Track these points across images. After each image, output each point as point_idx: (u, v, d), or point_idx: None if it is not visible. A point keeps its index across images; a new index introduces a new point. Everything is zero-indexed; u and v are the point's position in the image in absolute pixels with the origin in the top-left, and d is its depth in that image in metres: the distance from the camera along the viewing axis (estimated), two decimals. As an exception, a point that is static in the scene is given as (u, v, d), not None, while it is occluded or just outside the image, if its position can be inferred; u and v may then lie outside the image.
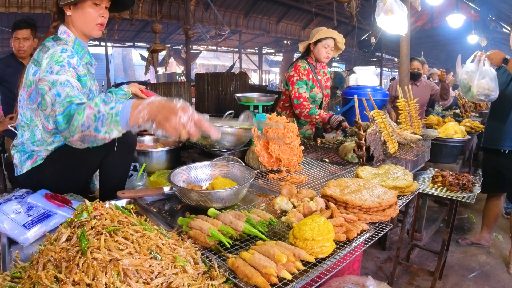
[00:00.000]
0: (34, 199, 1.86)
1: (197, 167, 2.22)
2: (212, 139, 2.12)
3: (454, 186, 2.67)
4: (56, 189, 2.09)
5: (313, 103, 3.75)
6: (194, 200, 1.87)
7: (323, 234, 1.42)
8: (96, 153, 2.09)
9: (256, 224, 1.58)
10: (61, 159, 2.18)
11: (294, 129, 2.72)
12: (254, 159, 2.61)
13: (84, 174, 2.32)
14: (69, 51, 1.95)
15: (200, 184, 2.18)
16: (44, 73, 1.87)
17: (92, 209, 1.25)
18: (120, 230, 1.19)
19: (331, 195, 1.87)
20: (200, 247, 1.45)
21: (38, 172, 2.18)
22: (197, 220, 1.51)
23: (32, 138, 2.14)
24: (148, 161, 2.91)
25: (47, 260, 1.16)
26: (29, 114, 2.10)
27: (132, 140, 2.27)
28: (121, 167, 2.30)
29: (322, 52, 3.66)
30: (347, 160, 2.95)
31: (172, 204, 2.08)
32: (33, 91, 2.01)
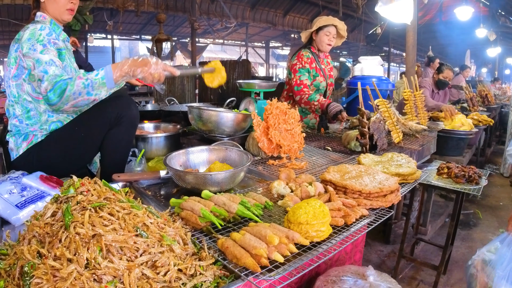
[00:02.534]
0: (28, 180, 1.83)
1: (194, 151, 2.18)
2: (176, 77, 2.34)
3: (460, 178, 2.59)
4: (55, 171, 2.09)
5: (317, 91, 3.71)
6: (189, 183, 1.83)
7: (318, 218, 1.37)
8: (101, 127, 2.19)
9: (251, 207, 1.54)
10: (63, 138, 2.19)
11: (296, 115, 2.66)
12: (254, 145, 2.56)
13: (86, 152, 2.31)
14: (47, 29, 2.10)
15: (198, 169, 2.14)
16: (27, 50, 2.03)
17: (79, 185, 1.21)
18: (106, 206, 1.15)
19: (331, 180, 1.82)
20: (192, 229, 1.41)
21: (35, 152, 2.17)
22: (189, 201, 1.47)
23: (25, 114, 2.17)
24: (147, 147, 2.87)
25: (32, 235, 1.13)
26: (15, 90, 2.15)
27: (135, 115, 2.27)
28: (123, 142, 2.30)
29: (324, 39, 3.61)
30: (350, 149, 2.90)
31: (168, 188, 2.05)
32: (18, 67, 2.10)
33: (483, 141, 6.10)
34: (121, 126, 2.21)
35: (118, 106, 2.18)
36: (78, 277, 0.97)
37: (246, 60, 4.40)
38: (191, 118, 2.73)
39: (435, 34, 14.16)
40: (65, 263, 1.00)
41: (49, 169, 2.09)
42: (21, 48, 2.05)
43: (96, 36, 14.08)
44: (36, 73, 2.01)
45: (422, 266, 3.41)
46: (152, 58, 2.00)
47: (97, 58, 15.20)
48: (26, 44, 2.03)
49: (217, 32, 14.01)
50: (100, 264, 1.00)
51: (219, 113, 2.59)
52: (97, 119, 2.18)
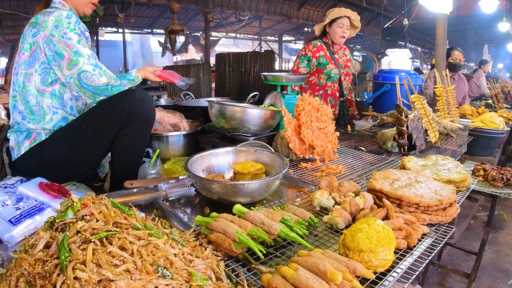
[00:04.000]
0: (25, 188, 1.55)
1: (218, 153, 1.89)
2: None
3: (497, 181, 2.30)
4: (59, 174, 1.93)
5: (329, 79, 3.58)
6: (215, 193, 1.54)
7: (383, 243, 1.08)
8: (111, 125, 1.94)
9: (294, 225, 1.25)
10: (68, 137, 1.96)
11: (329, 112, 2.36)
12: (284, 145, 2.26)
13: (94, 153, 2.05)
14: (73, 17, 1.94)
15: (223, 174, 1.86)
16: (59, 37, 1.87)
17: (79, 206, 0.92)
18: (117, 236, 0.86)
19: (381, 189, 1.52)
20: (224, 256, 1.12)
21: (38, 152, 1.94)
22: (220, 220, 1.17)
23: (28, 109, 1.95)
24: (162, 147, 2.58)
25: (20, 273, 0.85)
26: (22, 80, 1.94)
27: (150, 111, 1.99)
28: (137, 142, 2.02)
29: (337, 32, 3.51)
30: (385, 149, 2.62)
31: (192, 196, 1.76)
32: (32, 54, 1.91)
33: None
34: (134, 124, 1.93)
35: (131, 101, 1.91)
36: None
37: (270, 51, 4.07)
38: (212, 114, 2.44)
39: (452, 28, 13.64)
40: None
41: (52, 171, 1.89)
42: (49, 35, 1.88)
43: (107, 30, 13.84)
44: (81, 62, 1.89)
45: (452, 273, 3.18)
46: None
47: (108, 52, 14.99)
48: (56, 32, 1.87)
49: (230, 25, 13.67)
50: None
51: (244, 109, 2.28)
52: (107, 116, 1.91)
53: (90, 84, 1.90)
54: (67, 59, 1.88)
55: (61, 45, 1.87)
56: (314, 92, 3.58)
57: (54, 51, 1.88)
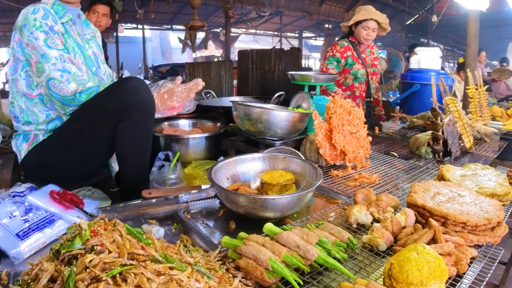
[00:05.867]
0: (35, 198, 1.42)
1: (245, 160, 1.74)
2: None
3: None
4: (63, 176, 1.82)
5: (356, 80, 3.48)
6: (242, 207, 1.40)
7: (435, 275, 0.92)
8: (106, 121, 1.75)
9: (332, 248, 1.09)
10: (63, 137, 1.83)
11: (361, 115, 2.20)
12: (312, 150, 2.10)
13: (94, 154, 1.89)
14: (41, 10, 1.77)
15: (248, 182, 1.71)
16: (27, 38, 1.73)
17: (88, 235, 0.78)
18: (132, 272, 0.72)
19: (424, 205, 1.34)
20: (254, 285, 0.97)
21: (37, 155, 1.84)
22: (251, 244, 1.02)
23: (22, 113, 1.87)
24: (182, 150, 2.44)
25: None
26: (11, 85, 1.88)
27: (146, 100, 1.77)
28: (137, 137, 1.81)
29: (361, 34, 3.42)
30: (418, 155, 2.45)
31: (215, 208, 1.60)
32: (14, 59, 1.82)
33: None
34: (131, 116, 1.72)
35: (123, 91, 1.71)
36: None
37: (297, 48, 3.90)
38: (236, 116, 2.29)
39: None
40: None
41: (54, 174, 1.79)
42: (19, 36, 1.76)
43: (127, 26, 13.83)
44: (47, 69, 1.71)
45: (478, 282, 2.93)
46: (173, 85, 1.96)
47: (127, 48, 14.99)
48: (23, 32, 1.73)
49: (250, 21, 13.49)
50: None
51: (272, 112, 2.13)
52: (100, 111, 1.74)
53: (58, 93, 1.72)
54: (34, 65, 1.74)
55: (29, 47, 1.74)
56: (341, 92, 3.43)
57: (24, 56, 1.77)
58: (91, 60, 1.99)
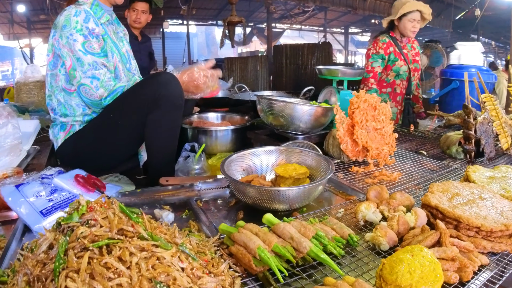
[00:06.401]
0: (60, 180, 1.53)
1: (260, 152, 1.77)
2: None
3: None
4: (96, 164, 1.93)
5: (397, 77, 3.38)
6: (250, 198, 1.43)
7: (427, 281, 0.88)
8: (137, 112, 1.87)
9: (329, 243, 1.10)
10: (99, 126, 1.95)
11: (387, 111, 2.15)
12: (335, 145, 2.10)
13: (126, 142, 2.02)
14: (83, 13, 1.86)
15: (264, 175, 1.74)
16: (65, 40, 1.83)
17: (84, 210, 0.85)
18: (118, 245, 0.77)
19: (437, 206, 1.29)
20: (243, 272, 1.00)
21: (73, 143, 1.96)
22: (244, 232, 1.05)
23: (60, 105, 1.99)
24: (208, 141, 2.51)
25: (23, 272, 0.80)
26: (49, 80, 1.99)
27: (176, 93, 1.87)
28: (166, 128, 1.92)
29: (408, 26, 3.30)
30: (449, 155, 2.36)
31: (227, 198, 1.66)
32: (54, 56, 1.93)
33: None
34: (160, 108, 1.83)
35: (155, 85, 1.82)
36: None
37: (327, 42, 3.86)
38: (260, 109, 2.32)
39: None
40: None
41: (88, 161, 1.89)
42: (58, 36, 1.85)
43: (172, 22, 14.13)
44: (78, 76, 1.85)
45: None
46: (196, 69, 1.97)
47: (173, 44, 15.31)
48: (63, 33, 1.83)
49: (294, 16, 13.42)
50: None
51: (293, 106, 2.14)
52: (133, 102, 1.85)
53: (88, 98, 1.87)
54: (67, 70, 1.87)
55: (66, 49, 1.84)
56: (381, 89, 3.37)
57: (62, 57, 1.88)
58: (125, 57, 2.11)
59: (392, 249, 1.18)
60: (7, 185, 1.50)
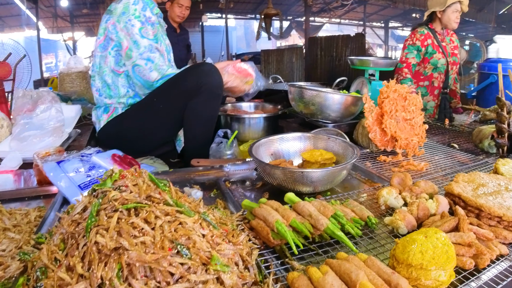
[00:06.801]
0: (98, 158, 1.65)
1: (288, 138, 1.82)
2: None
3: None
4: (135, 147, 2.03)
5: (435, 70, 3.33)
6: (275, 179, 1.48)
7: (438, 261, 0.89)
8: (179, 98, 1.99)
9: (346, 223, 1.13)
10: (141, 110, 2.07)
11: (418, 102, 2.14)
12: (364, 135, 2.11)
13: (166, 126, 2.14)
14: (140, 3, 2.01)
15: (291, 160, 1.78)
16: (124, 24, 1.97)
17: (117, 177, 0.93)
18: (145, 209, 0.84)
19: (460, 194, 1.30)
20: (261, 245, 1.06)
21: (115, 125, 2.07)
22: (264, 207, 1.11)
23: (104, 87, 2.11)
24: (241, 128, 2.59)
25: (60, 232, 0.90)
26: (98, 61, 2.09)
27: (216, 83, 1.99)
28: (204, 115, 2.05)
29: (452, 17, 3.27)
30: (481, 149, 2.30)
31: (253, 181, 1.72)
32: (105, 38, 2.05)
33: None
34: (201, 96, 1.95)
35: (197, 73, 1.94)
36: None
37: (361, 34, 3.83)
38: (291, 98, 2.37)
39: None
40: (75, 278, 0.75)
41: (128, 143, 2.00)
42: (116, 22, 2.00)
43: (211, 16, 14.27)
44: (134, 56, 1.98)
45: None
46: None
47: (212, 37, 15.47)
48: (122, 18, 1.98)
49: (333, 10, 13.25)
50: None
51: (324, 94, 2.17)
52: (175, 89, 1.96)
53: (142, 78, 1.99)
54: (124, 50, 1.99)
55: (123, 33, 1.97)
56: (418, 82, 3.32)
57: (117, 39, 2.01)
58: (168, 48, 2.24)
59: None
60: (49, 162, 1.62)
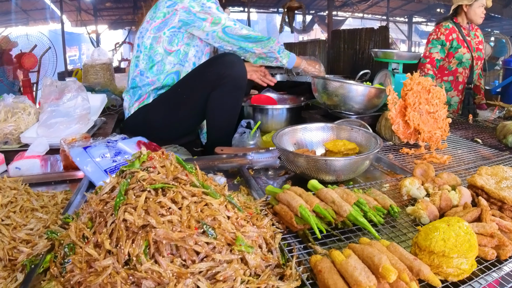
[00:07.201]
0: (124, 144, 1.69)
1: (312, 128, 1.83)
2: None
3: None
4: (160, 136, 2.05)
5: (460, 65, 3.27)
6: (298, 167, 1.49)
7: (461, 249, 0.89)
8: (202, 88, 2.02)
9: (369, 210, 1.14)
10: (168, 100, 2.09)
11: (441, 95, 2.12)
12: (387, 127, 2.10)
13: (190, 116, 2.16)
14: None
15: (314, 150, 1.79)
16: (199, 7, 2.06)
17: (145, 158, 0.95)
18: (172, 189, 0.87)
19: (483, 186, 1.29)
20: (285, 229, 1.08)
21: (144, 113, 2.11)
22: (288, 192, 1.12)
23: (148, 66, 2.14)
24: (264, 119, 2.60)
25: (87, 211, 0.93)
26: (149, 42, 2.12)
27: (240, 74, 2.02)
28: (227, 105, 2.07)
29: (478, 12, 3.22)
30: (505, 144, 2.26)
31: (276, 169, 1.74)
32: (165, 20, 2.10)
33: None
34: (224, 87, 1.97)
35: (221, 64, 1.97)
36: (114, 275, 0.74)
37: (384, 27, 3.78)
38: (315, 89, 2.37)
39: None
40: (103, 254, 0.78)
41: (154, 132, 2.03)
42: (189, 6, 2.05)
43: (233, 10, 14.26)
44: (223, 19, 2.09)
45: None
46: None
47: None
48: (194, 3, 2.06)
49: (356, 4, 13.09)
50: (142, 265, 0.74)
51: (347, 86, 2.17)
52: (199, 79, 1.99)
53: (234, 34, 2.08)
54: (210, 21, 2.07)
55: (202, 13, 2.06)
56: (443, 77, 3.27)
57: (195, 18, 2.06)
58: None
59: (431, 224, 1.19)
60: (76, 147, 1.66)
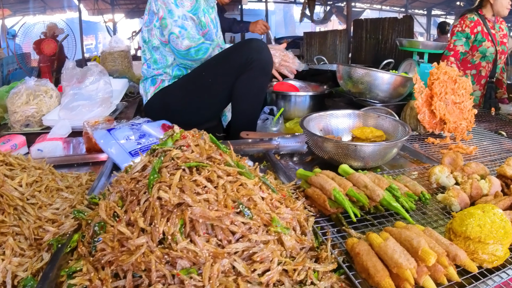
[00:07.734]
0: (149, 127, 1.68)
1: (338, 115, 1.81)
2: None
3: None
4: (181, 119, 1.98)
5: (483, 59, 3.18)
6: (326, 152, 1.48)
7: (496, 235, 0.88)
8: (229, 73, 1.99)
9: (401, 196, 1.12)
10: (189, 83, 2.07)
11: (468, 86, 2.07)
12: (412, 116, 2.07)
13: (214, 101, 2.14)
14: None
15: (340, 136, 1.78)
16: None
17: (178, 137, 0.94)
18: (207, 168, 0.86)
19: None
20: (317, 213, 1.06)
21: (161, 97, 2.10)
22: (320, 176, 1.11)
23: (152, 58, 2.13)
24: (287, 106, 2.59)
25: (117, 190, 0.92)
26: (146, 35, 2.13)
27: (267, 60, 1.98)
28: (254, 90, 2.04)
29: (505, 3, 3.08)
30: (531, 137, 2.21)
31: (303, 155, 1.73)
32: (149, 13, 2.09)
33: None
34: (251, 71, 1.94)
35: (249, 49, 1.93)
36: (148, 254, 0.72)
37: (409, 16, 3.70)
38: (340, 77, 2.35)
39: None
40: (136, 232, 0.76)
41: (174, 116, 1.99)
42: None
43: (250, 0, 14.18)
44: (169, 24, 1.98)
45: None
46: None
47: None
48: None
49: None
50: (178, 244, 0.73)
51: (373, 73, 2.15)
52: (226, 64, 1.96)
53: (175, 48, 1.98)
54: (160, 20, 2.00)
55: (160, 2, 1.98)
56: (465, 70, 3.20)
57: (156, 12, 2.01)
58: (213, 23, 2.24)
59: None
60: (100, 129, 1.66)
